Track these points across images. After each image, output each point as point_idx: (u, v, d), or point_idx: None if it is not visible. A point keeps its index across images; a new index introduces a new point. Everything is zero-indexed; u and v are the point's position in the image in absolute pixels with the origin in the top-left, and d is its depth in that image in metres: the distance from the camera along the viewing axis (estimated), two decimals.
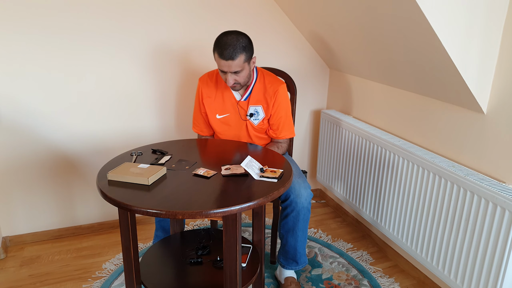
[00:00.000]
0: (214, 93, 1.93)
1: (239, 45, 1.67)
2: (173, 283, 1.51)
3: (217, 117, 1.94)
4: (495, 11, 1.47)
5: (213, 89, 1.93)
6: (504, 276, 1.49)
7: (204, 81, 1.95)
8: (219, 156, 1.69)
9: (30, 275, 2.06)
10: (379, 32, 1.78)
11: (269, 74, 1.94)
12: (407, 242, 1.98)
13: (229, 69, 1.70)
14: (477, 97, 1.58)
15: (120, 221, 1.44)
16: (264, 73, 1.94)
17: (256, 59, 1.83)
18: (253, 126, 1.93)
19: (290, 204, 1.77)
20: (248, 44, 1.72)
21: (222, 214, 1.23)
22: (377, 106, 2.28)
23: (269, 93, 1.88)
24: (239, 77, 1.75)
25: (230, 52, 1.65)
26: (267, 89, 1.89)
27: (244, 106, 1.90)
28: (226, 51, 1.65)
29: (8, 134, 2.14)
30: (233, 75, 1.74)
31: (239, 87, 1.82)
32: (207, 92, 1.93)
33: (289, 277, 1.95)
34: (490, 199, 1.50)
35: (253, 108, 1.89)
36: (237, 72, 1.72)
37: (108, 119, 2.30)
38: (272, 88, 1.89)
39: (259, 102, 1.90)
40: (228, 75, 1.73)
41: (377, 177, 2.15)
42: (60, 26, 2.06)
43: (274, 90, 1.88)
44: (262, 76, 1.92)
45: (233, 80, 1.75)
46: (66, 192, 2.35)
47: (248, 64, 1.76)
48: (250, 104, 1.90)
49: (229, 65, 1.69)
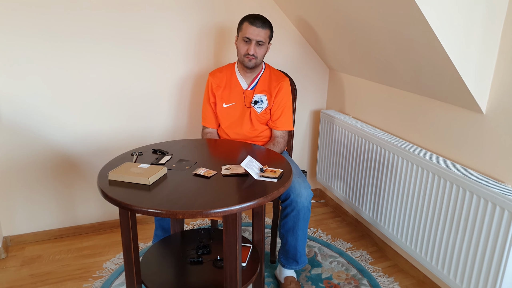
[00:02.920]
0: (223, 83, 2.05)
1: (268, 22, 1.92)
2: (173, 283, 1.51)
3: (224, 106, 2.04)
4: (494, 11, 1.47)
5: (222, 79, 2.06)
6: (503, 275, 1.50)
7: (214, 74, 2.08)
8: (219, 156, 1.69)
9: (31, 274, 2.07)
10: (379, 32, 1.78)
11: (275, 69, 2.10)
12: (406, 242, 1.98)
13: (256, 36, 1.88)
14: (476, 97, 1.59)
15: (121, 220, 1.44)
16: (271, 67, 2.09)
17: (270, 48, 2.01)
18: (256, 114, 2.01)
19: (291, 203, 1.78)
20: (272, 28, 1.95)
21: (222, 213, 1.23)
22: (377, 106, 2.29)
23: (274, 84, 2.01)
24: (259, 51, 1.91)
25: (262, 22, 1.88)
26: (272, 80, 2.03)
27: (250, 95, 2.02)
28: (258, 20, 1.88)
29: (9, 134, 2.14)
30: (256, 46, 1.89)
31: (253, 62, 1.93)
32: (217, 82, 2.05)
33: (289, 277, 1.95)
34: (489, 199, 1.51)
35: (258, 96, 2.00)
36: (260, 43, 1.90)
37: (109, 119, 2.31)
38: (278, 80, 2.03)
39: (264, 91, 2.01)
40: (252, 43, 1.89)
41: (376, 177, 2.15)
42: (61, 25, 2.07)
43: (279, 82, 2.02)
44: (268, 69, 2.07)
45: (254, 51, 1.89)
46: (67, 192, 2.35)
47: (268, 43, 1.95)
48: (256, 93, 2.00)
49: (258, 33, 1.88)
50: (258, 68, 2.01)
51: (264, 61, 2.05)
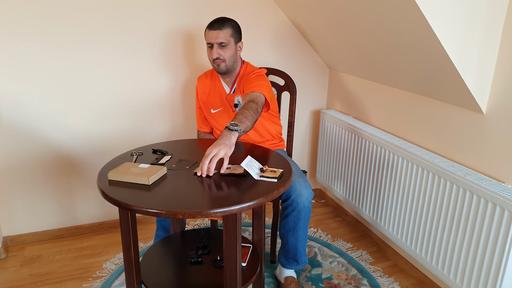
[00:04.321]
0: (208, 89, 2.03)
1: (228, 22, 1.84)
2: (173, 283, 1.51)
3: (212, 111, 2.03)
4: (494, 11, 1.47)
5: (208, 85, 2.03)
6: (504, 275, 1.50)
7: (201, 78, 2.07)
8: None
9: (30, 274, 2.07)
10: (379, 32, 1.78)
11: (252, 66, 2.01)
12: (406, 242, 1.98)
13: (216, 39, 1.81)
14: (477, 97, 1.58)
15: (121, 220, 1.44)
16: (249, 65, 2.01)
17: (243, 46, 1.94)
18: None
19: (291, 203, 1.78)
20: (236, 25, 1.86)
21: (222, 213, 1.23)
22: (377, 106, 2.28)
23: (244, 79, 1.92)
24: (224, 53, 1.83)
25: (219, 24, 1.81)
26: (245, 76, 1.94)
27: (231, 98, 1.98)
28: (216, 23, 1.82)
29: (8, 134, 2.14)
30: (218, 49, 1.82)
31: (223, 66, 1.86)
32: (202, 88, 2.04)
33: (289, 277, 1.95)
34: (489, 199, 1.51)
35: (237, 99, 1.96)
36: (223, 45, 1.82)
37: (108, 119, 2.31)
38: (249, 74, 1.93)
39: (239, 92, 1.96)
40: (214, 48, 1.83)
41: (376, 177, 2.15)
42: (61, 25, 2.07)
43: (249, 73, 1.93)
44: (245, 67, 2.00)
45: (217, 54, 1.83)
46: (67, 192, 2.35)
47: (234, 43, 1.86)
48: (235, 95, 1.97)
49: (216, 35, 1.81)
50: (235, 70, 1.94)
51: (243, 60, 1.99)
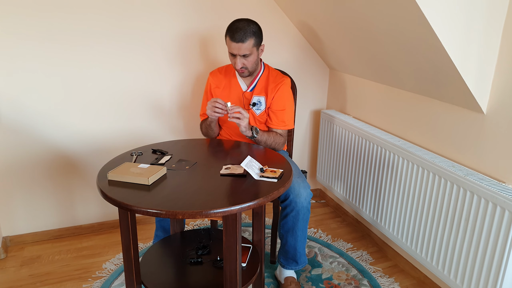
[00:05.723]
0: (222, 84, 2.03)
1: (249, 29, 1.78)
2: (173, 283, 1.51)
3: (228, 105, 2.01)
4: (495, 10, 1.47)
5: (222, 80, 2.04)
6: (504, 276, 1.49)
7: (214, 74, 2.06)
8: (219, 156, 1.69)
9: (30, 275, 2.07)
10: (379, 32, 1.78)
11: (275, 69, 2.05)
12: (407, 242, 1.98)
13: (238, 51, 1.80)
14: (477, 97, 1.58)
15: (120, 221, 1.44)
16: (270, 68, 2.04)
17: (264, 47, 1.92)
18: (255, 116, 1.99)
19: (290, 204, 1.77)
20: (258, 31, 1.83)
21: (222, 214, 1.23)
22: (377, 106, 2.28)
23: (272, 86, 1.97)
24: (247, 62, 1.84)
25: (241, 35, 1.77)
26: (270, 81, 1.98)
27: (249, 96, 1.98)
28: (237, 34, 1.77)
29: (8, 134, 2.14)
30: (242, 59, 1.83)
31: (246, 72, 1.90)
32: (216, 82, 2.03)
33: (289, 277, 1.95)
34: (490, 199, 1.51)
35: (257, 98, 1.97)
36: (246, 55, 1.82)
37: (108, 119, 2.31)
38: (276, 81, 1.97)
39: (263, 93, 1.98)
40: (237, 58, 1.82)
41: (376, 177, 2.15)
42: (61, 25, 2.06)
43: (277, 83, 1.97)
44: (267, 69, 2.02)
45: (241, 64, 1.84)
46: (66, 192, 2.35)
47: (256, 49, 1.85)
48: (254, 94, 1.97)
49: (239, 48, 1.78)
50: (256, 71, 1.97)
51: (263, 61, 2.03)
